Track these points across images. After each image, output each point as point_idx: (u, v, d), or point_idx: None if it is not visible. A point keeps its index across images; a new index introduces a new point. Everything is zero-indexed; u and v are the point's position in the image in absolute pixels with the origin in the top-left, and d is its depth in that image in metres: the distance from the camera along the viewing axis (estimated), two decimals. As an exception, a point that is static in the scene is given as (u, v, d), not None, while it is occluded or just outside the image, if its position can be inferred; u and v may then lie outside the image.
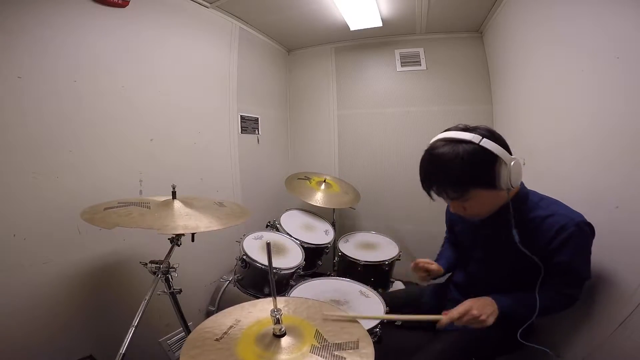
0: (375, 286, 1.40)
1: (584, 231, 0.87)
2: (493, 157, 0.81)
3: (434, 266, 1.16)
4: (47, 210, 1.20)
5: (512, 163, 0.81)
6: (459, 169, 0.82)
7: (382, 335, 1.09)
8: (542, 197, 0.96)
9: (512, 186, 0.83)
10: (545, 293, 0.93)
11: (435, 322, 0.92)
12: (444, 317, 0.90)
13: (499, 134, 0.86)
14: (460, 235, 1.18)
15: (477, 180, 0.84)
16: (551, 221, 0.89)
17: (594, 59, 1.07)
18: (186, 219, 1.04)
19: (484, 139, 0.80)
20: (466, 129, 0.85)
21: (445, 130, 0.89)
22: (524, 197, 0.94)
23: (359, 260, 1.73)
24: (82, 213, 0.98)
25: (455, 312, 0.91)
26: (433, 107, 2.35)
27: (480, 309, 0.90)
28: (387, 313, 1.14)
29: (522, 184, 0.96)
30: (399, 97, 2.44)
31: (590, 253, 0.90)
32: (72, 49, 1.27)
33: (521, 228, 0.90)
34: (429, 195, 0.90)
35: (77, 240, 1.28)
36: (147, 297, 1.00)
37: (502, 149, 0.81)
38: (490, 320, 0.89)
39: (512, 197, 0.92)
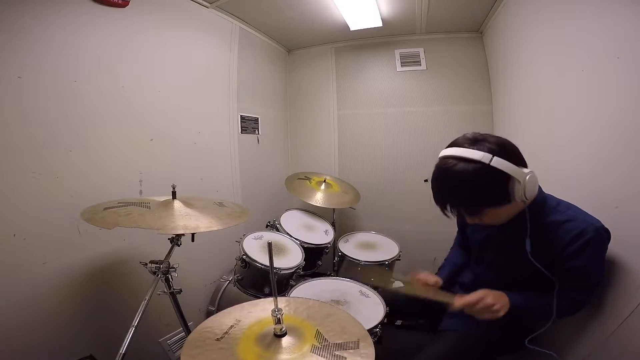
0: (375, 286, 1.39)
1: (602, 237, 0.86)
2: (505, 176, 0.78)
3: (433, 280, 1.15)
4: (47, 210, 1.20)
5: (527, 178, 0.78)
6: (471, 191, 0.80)
7: (382, 335, 1.09)
8: (559, 202, 0.94)
9: (526, 199, 0.81)
10: (551, 298, 0.92)
11: (447, 305, 0.94)
12: (457, 301, 0.92)
13: (511, 145, 0.83)
14: (471, 236, 1.17)
15: (490, 201, 0.82)
16: (569, 226, 0.87)
17: (594, 59, 1.07)
18: (186, 219, 1.04)
19: (495, 158, 0.76)
20: (475, 141, 0.81)
21: (453, 145, 0.85)
22: (541, 202, 0.92)
23: (359, 260, 1.73)
24: (82, 213, 0.98)
25: (472, 296, 0.91)
26: (433, 107, 2.35)
27: (495, 298, 0.91)
28: (387, 313, 1.14)
29: (539, 188, 0.94)
30: (399, 97, 2.44)
31: (604, 259, 0.89)
32: (72, 49, 1.27)
33: (537, 233, 0.89)
34: (444, 212, 0.87)
35: (77, 240, 1.28)
36: (147, 297, 1.00)
37: (513, 166, 0.78)
38: (502, 313, 0.90)
39: (529, 203, 0.90)
